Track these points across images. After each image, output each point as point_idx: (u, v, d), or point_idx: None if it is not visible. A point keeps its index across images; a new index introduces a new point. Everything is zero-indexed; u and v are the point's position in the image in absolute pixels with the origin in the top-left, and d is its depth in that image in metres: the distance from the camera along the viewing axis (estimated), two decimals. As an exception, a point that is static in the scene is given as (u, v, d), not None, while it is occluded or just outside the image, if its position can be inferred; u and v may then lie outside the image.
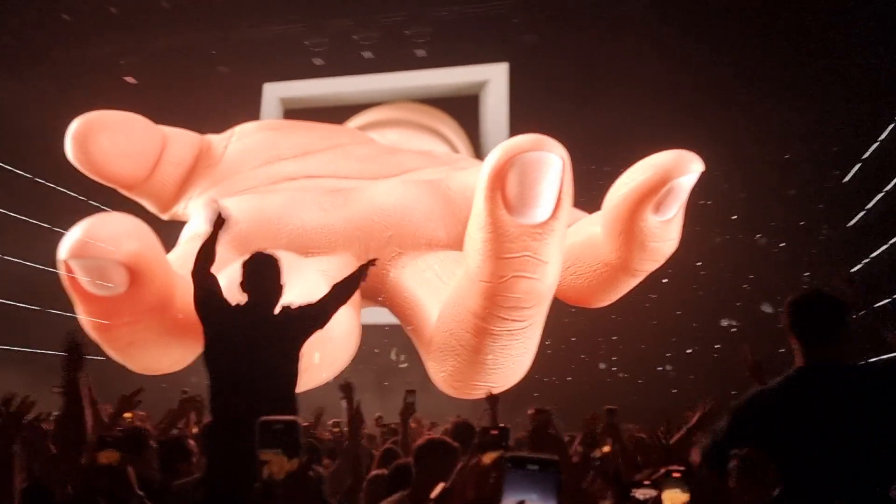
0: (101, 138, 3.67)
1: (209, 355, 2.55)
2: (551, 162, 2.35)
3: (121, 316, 2.95)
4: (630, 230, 2.70)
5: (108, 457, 2.11)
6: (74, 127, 3.64)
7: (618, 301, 3.29)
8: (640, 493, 1.63)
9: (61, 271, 2.90)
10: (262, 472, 1.48)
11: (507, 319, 2.60)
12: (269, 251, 2.67)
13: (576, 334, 11.11)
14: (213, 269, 2.76)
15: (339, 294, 2.73)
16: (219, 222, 2.74)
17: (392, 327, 10.53)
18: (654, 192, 2.60)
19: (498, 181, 2.38)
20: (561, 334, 10.83)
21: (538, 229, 2.40)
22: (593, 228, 2.98)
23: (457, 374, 2.91)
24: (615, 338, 11.30)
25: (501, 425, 2.11)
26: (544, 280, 2.52)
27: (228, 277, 2.74)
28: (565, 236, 2.58)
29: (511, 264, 2.46)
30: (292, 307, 2.61)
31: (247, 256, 2.66)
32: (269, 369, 2.49)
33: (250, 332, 2.51)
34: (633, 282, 3.02)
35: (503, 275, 2.49)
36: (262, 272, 2.61)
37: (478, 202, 2.49)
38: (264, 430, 1.50)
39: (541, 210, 2.39)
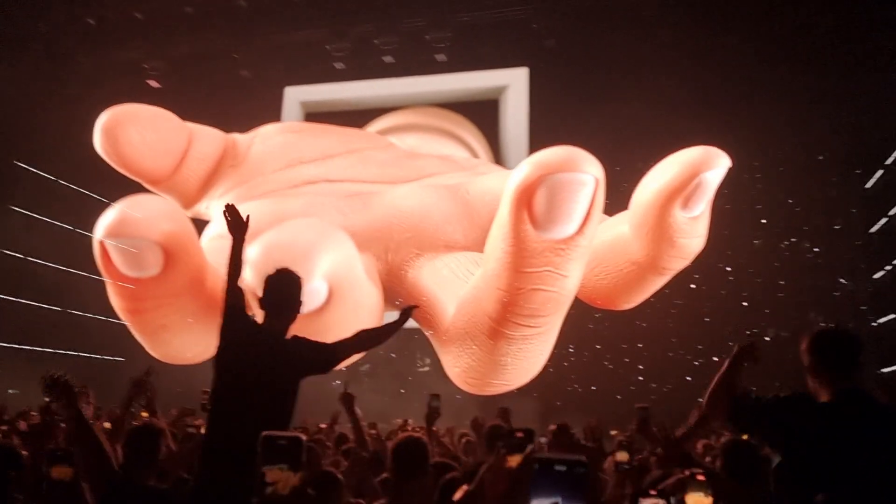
0: (130, 131, 3.70)
1: (219, 364, 2.53)
2: (584, 182, 2.33)
3: (154, 298, 2.96)
4: (659, 226, 2.69)
5: (60, 472, 2.02)
6: (104, 119, 3.67)
7: (644, 307, 3.26)
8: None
9: (96, 251, 2.91)
10: (265, 488, 1.45)
11: (524, 325, 2.60)
12: (291, 269, 2.63)
13: (600, 341, 11.02)
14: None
15: (360, 343, 2.68)
16: (240, 226, 2.67)
17: (411, 331, 10.55)
18: (682, 188, 2.60)
19: (525, 197, 2.35)
20: (585, 341, 10.78)
21: (562, 245, 2.39)
22: (620, 228, 2.96)
23: (471, 371, 2.93)
24: (640, 345, 11.18)
25: (526, 427, 2.11)
26: (563, 292, 2.51)
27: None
28: (590, 248, 2.56)
29: (531, 278, 2.45)
30: (307, 341, 2.57)
31: (271, 272, 2.63)
32: (270, 392, 2.47)
33: (261, 352, 2.50)
34: (659, 281, 3.00)
35: (522, 287, 2.48)
36: (283, 292, 2.59)
37: (502, 213, 2.47)
38: (268, 446, 1.48)
39: (568, 227, 2.37)
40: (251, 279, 2.75)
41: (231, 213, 2.63)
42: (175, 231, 2.86)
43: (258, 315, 2.69)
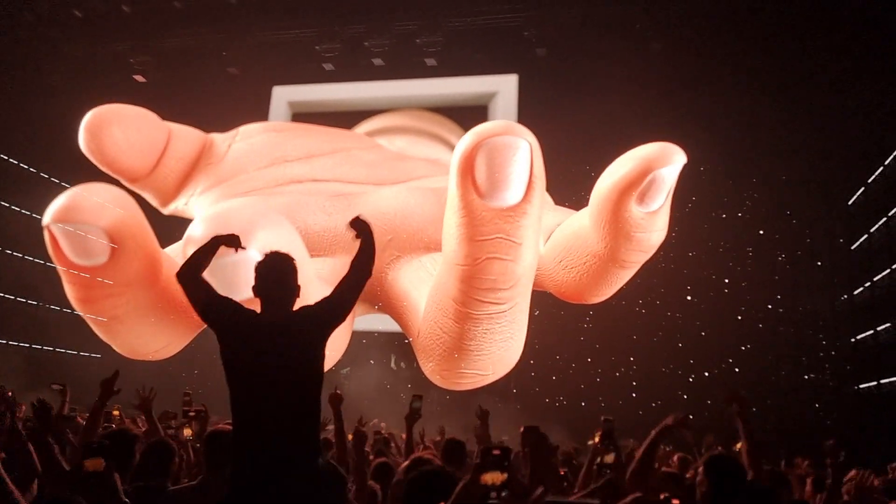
0: (115, 131, 3.72)
1: (229, 364, 2.39)
2: (518, 146, 2.43)
3: (103, 287, 2.90)
4: (615, 220, 2.72)
5: (93, 464, 2.16)
6: (88, 118, 3.68)
7: (634, 320, 3.27)
8: None
9: (45, 237, 2.87)
10: None
11: (486, 302, 2.62)
12: (283, 251, 2.54)
13: (592, 354, 10.97)
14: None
15: (356, 278, 2.53)
16: (230, 238, 2.58)
17: (391, 335, 10.53)
18: (636, 183, 2.62)
19: (468, 166, 2.44)
20: (577, 353, 10.74)
21: (510, 212, 2.45)
22: (582, 220, 2.99)
23: (443, 362, 2.92)
24: (632, 359, 11.12)
25: (502, 445, 2.07)
26: (519, 261, 2.55)
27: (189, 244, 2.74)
28: (541, 220, 2.62)
29: (484, 246, 2.49)
30: (309, 306, 2.45)
31: (260, 258, 2.52)
32: (294, 373, 2.36)
33: (271, 338, 2.38)
34: (623, 274, 3.01)
35: (477, 257, 2.52)
36: (277, 276, 2.47)
37: (451, 187, 2.52)
38: None
39: (511, 193, 2.44)
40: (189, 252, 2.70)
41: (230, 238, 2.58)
42: (122, 217, 2.81)
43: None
